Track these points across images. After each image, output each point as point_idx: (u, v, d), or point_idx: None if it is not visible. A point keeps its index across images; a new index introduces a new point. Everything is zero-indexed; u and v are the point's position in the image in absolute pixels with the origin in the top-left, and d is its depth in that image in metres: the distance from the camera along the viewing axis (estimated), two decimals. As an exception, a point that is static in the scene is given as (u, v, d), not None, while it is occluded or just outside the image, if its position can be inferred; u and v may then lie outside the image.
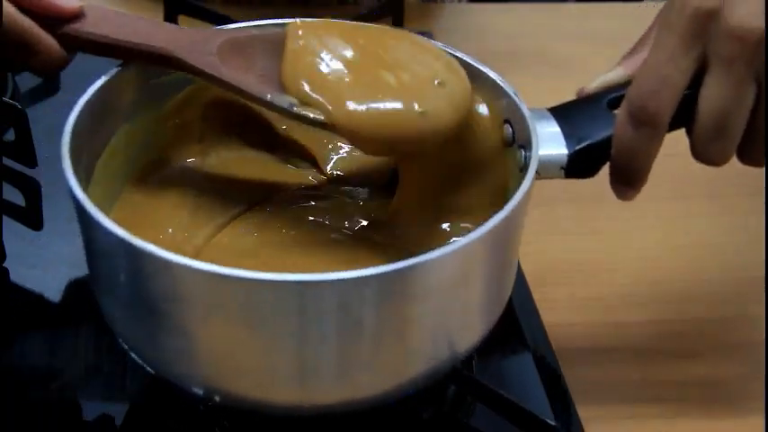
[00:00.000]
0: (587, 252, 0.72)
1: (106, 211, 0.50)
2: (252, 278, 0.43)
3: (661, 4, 0.55)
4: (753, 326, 0.67)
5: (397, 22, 0.90)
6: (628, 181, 0.54)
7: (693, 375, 0.63)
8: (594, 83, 0.56)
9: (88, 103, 0.52)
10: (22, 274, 0.63)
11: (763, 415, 0.59)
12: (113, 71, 0.54)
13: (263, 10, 0.94)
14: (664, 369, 0.63)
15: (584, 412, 0.58)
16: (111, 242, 0.45)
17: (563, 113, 0.55)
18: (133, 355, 0.51)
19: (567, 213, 0.72)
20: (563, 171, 0.53)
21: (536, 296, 0.65)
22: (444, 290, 0.47)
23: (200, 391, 0.50)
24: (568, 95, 0.88)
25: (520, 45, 0.96)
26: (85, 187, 0.50)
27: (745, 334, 0.66)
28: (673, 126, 0.53)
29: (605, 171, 0.55)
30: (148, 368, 0.51)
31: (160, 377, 0.50)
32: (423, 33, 0.90)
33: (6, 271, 0.63)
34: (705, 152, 0.53)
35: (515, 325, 0.63)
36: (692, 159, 0.54)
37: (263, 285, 0.43)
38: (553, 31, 0.99)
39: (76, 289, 0.63)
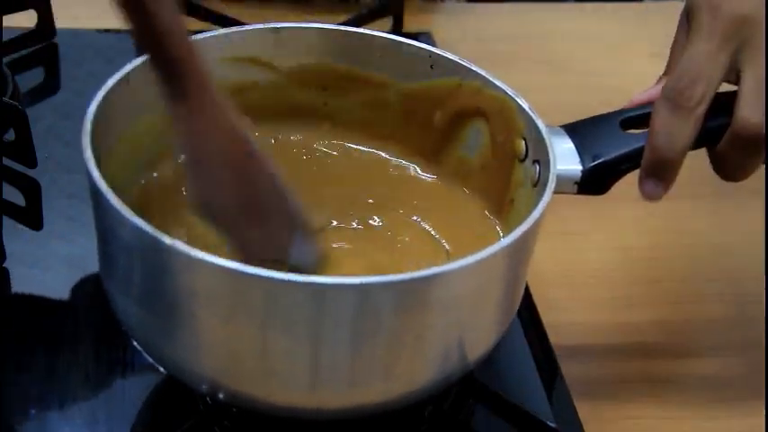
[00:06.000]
0: (587, 252, 0.72)
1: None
2: (273, 278, 0.43)
3: (662, 5, 0.55)
4: (752, 326, 0.67)
5: (397, 21, 0.90)
6: (659, 173, 0.54)
7: (693, 375, 0.63)
8: (637, 96, 0.57)
9: (107, 94, 0.52)
10: (22, 274, 0.63)
11: (764, 415, 0.59)
12: (131, 65, 0.54)
13: (263, 10, 0.94)
14: (664, 369, 0.63)
15: (583, 413, 0.58)
16: (135, 237, 0.45)
17: (576, 130, 0.56)
18: (142, 350, 0.51)
19: (567, 213, 0.72)
20: (576, 186, 0.54)
21: (536, 296, 0.65)
22: (462, 300, 0.47)
23: (208, 390, 0.50)
24: (568, 95, 0.89)
25: (519, 45, 0.95)
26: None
27: (745, 334, 0.66)
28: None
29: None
30: (158, 365, 0.51)
31: (168, 374, 0.50)
32: (422, 33, 0.92)
33: (6, 271, 0.63)
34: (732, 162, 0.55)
35: (515, 325, 0.63)
36: (692, 159, 0.55)
37: (284, 286, 0.43)
38: (553, 31, 0.99)
39: (76, 289, 0.63)
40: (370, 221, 0.60)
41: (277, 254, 0.50)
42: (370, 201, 0.61)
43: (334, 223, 0.59)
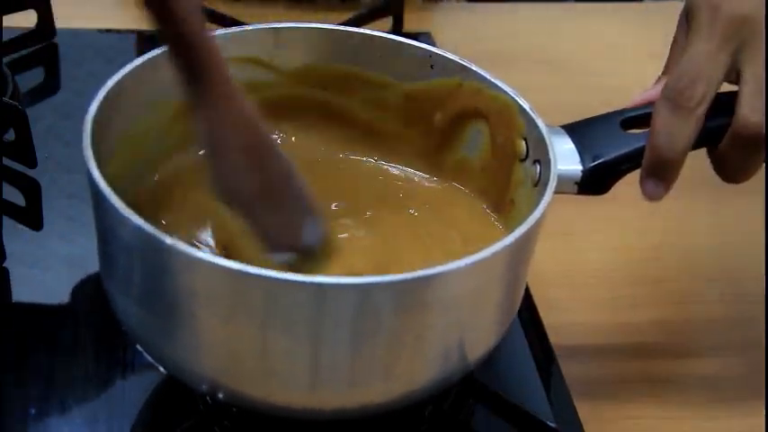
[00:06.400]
0: (588, 252, 0.72)
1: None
2: (273, 278, 0.43)
3: (662, 5, 0.56)
4: (753, 326, 0.67)
5: (397, 21, 0.90)
6: (660, 173, 0.55)
7: (693, 375, 0.63)
8: (637, 97, 0.57)
9: (107, 93, 0.52)
10: (22, 274, 0.63)
11: (764, 415, 0.59)
12: (131, 65, 0.54)
13: (263, 10, 0.94)
14: (664, 369, 0.63)
15: (583, 413, 0.58)
16: (135, 237, 0.45)
17: (577, 131, 0.56)
18: (142, 350, 0.51)
19: (567, 213, 0.72)
20: (576, 186, 0.54)
21: (536, 296, 0.65)
22: (462, 300, 0.47)
23: (208, 390, 0.50)
24: (567, 96, 0.89)
25: (519, 45, 0.95)
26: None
27: (745, 334, 0.66)
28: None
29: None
30: (158, 365, 0.51)
31: (168, 374, 0.50)
32: (422, 33, 0.92)
33: (6, 271, 0.63)
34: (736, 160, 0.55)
35: (515, 325, 0.63)
36: (692, 159, 0.55)
37: (284, 286, 0.43)
38: (553, 31, 0.99)
39: (76, 289, 0.63)
40: (371, 222, 0.60)
41: (291, 239, 0.52)
42: (371, 201, 0.61)
43: (334, 222, 0.58)
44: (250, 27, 0.59)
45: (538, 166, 0.54)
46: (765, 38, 0.53)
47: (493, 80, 0.57)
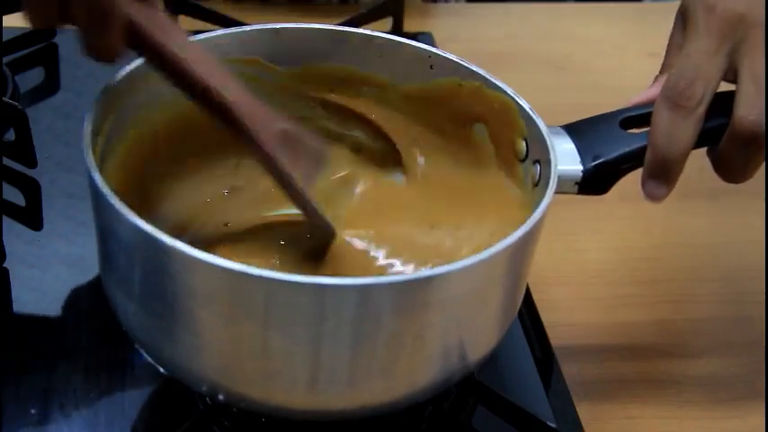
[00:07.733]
0: (587, 252, 0.72)
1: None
2: (273, 278, 0.43)
3: (662, 5, 0.55)
4: (753, 326, 0.67)
5: (397, 22, 0.90)
6: (662, 173, 0.54)
7: (693, 375, 0.63)
8: (635, 98, 0.57)
9: (107, 93, 0.52)
10: (22, 274, 0.63)
11: (764, 415, 0.59)
12: (131, 65, 0.54)
13: (263, 10, 0.94)
14: (664, 369, 0.63)
15: (583, 413, 0.58)
16: (135, 237, 0.46)
17: (577, 131, 0.56)
18: (142, 350, 0.51)
19: (567, 214, 0.72)
20: (577, 186, 0.54)
21: (536, 296, 0.65)
22: (463, 301, 0.47)
23: (208, 390, 0.50)
24: (567, 96, 0.89)
25: (519, 45, 0.96)
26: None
27: (745, 334, 0.66)
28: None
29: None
30: (158, 365, 0.51)
31: (169, 374, 0.50)
32: (422, 33, 0.92)
33: (6, 271, 0.63)
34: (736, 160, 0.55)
35: (515, 325, 0.63)
36: (692, 159, 0.55)
37: (284, 286, 0.43)
38: (552, 32, 0.99)
39: (76, 288, 0.63)
40: (374, 221, 0.60)
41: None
42: (372, 201, 0.61)
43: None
44: (250, 27, 0.59)
45: (538, 167, 0.54)
46: (765, 38, 0.53)
47: (493, 80, 0.57)
